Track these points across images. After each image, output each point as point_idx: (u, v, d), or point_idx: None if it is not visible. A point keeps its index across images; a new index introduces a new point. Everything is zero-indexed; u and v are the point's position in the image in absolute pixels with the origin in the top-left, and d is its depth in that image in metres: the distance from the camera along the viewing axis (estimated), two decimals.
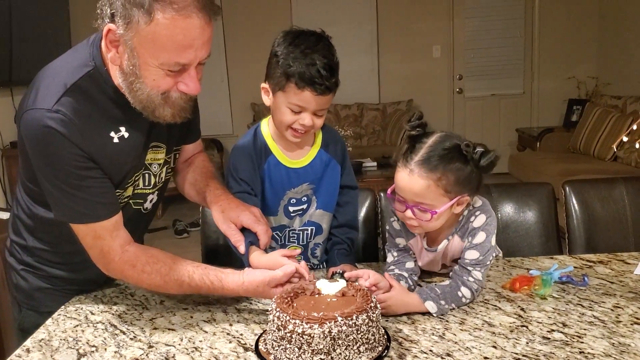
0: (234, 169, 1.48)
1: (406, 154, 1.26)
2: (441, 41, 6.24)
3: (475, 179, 1.27)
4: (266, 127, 1.51)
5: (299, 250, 1.49)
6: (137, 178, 1.33)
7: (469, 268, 1.31)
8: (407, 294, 1.27)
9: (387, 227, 1.44)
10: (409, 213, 1.27)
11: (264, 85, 1.43)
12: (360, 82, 6.32)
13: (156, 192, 1.43)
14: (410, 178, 1.24)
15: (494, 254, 1.34)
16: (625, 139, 1.17)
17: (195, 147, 1.60)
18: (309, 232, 1.55)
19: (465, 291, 1.29)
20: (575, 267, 1.48)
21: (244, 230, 1.35)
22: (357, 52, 6.23)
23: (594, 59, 6.09)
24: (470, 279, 1.30)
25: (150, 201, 1.43)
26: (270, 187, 1.49)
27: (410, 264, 1.41)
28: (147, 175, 1.36)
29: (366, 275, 1.25)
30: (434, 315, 1.25)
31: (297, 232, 1.55)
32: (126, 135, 1.25)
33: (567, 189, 1.84)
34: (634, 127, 0.96)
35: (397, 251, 1.43)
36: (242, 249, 1.33)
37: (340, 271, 1.38)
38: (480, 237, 1.31)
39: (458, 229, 1.35)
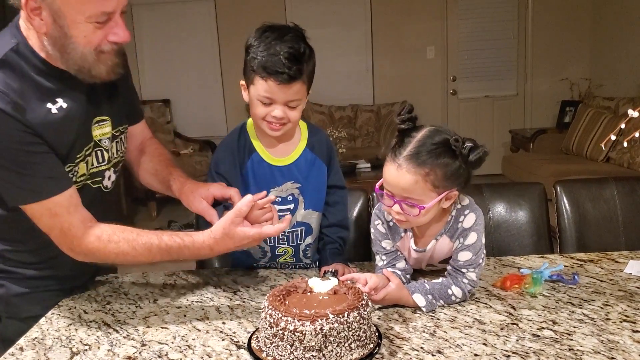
0: (214, 164, 1.50)
1: (395, 148, 1.25)
2: (435, 42, 6.26)
3: (464, 174, 1.26)
4: (251, 124, 1.52)
5: (272, 197, 1.40)
6: (87, 153, 1.33)
7: (463, 270, 1.31)
8: (402, 289, 1.28)
9: (372, 231, 1.42)
10: (396, 208, 1.26)
11: (242, 82, 1.44)
12: (354, 83, 6.34)
13: (111, 167, 1.43)
14: (399, 173, 1.22)
15: (484, 252, 1.34)
16: (613, 137, 1.19)
17: (143, 130, 1.61)
18: (299, 232, 1.55)
19: (456, 290, 1.29)
20: (565, 266, 1.49)
21: (216, 206, 1.40)
22: (351, 53, 6.25)
23: (587, 60, 6.13)
24: (465, 280, 1.30)
25: (109, 178, 1.43)
26: (254, 185, 1.49)
27: (401, 264, 1.41)
28: (99, 152, 1.37)
29: (363, 281, 1.24)
30: (423, 309, 1.26)
31: (286, 233, 1.54)
32: (64, 105, 1.25)
33: (559, 188, 1.85)
34: (622, 126, 0.97)
35: (385, 254, 1.41)
36: (215, 218, 1.34)
37: (333, 270, 1.39)
38: (471, 237, 1.31)
39: (447, 229, 1.34)
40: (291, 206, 1.52)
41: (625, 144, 1.20)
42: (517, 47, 6.26)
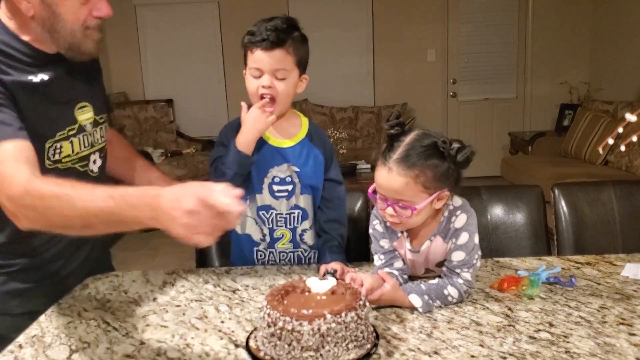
0: (223, 135, 1.58)
1: (385, 152, 1.28)
2: (436, 45, 6.27)
3: (454, 174, 1.28)
4: None
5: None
6: (71, 133, 1.36)
7: (457, 270, 1.32)
8: (398, 290, 1.28)
9: (371, 231, 1.44)
10: (390, 210, 1.29)
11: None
12: (355, 85, 6.35)
13: (97, 152, 1.47)
14: (389, 176, 1.25)
15: (479, 253, 1.35)
16: (611, 141, 1.19)
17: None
18: (296, 215, 1.60)
19: (452, 290, 1.30)
20: (563, 268, 1.50)
21: None
22: (353, 54, 6.26)
23: (586, 64, 6.14)
24: (460, 280, 1.31)
25: (94, 162, 1.46)
26: (254, 165, 1.55)
27: (399, 264, 1.42)
28: (84, 137, 1.41)
29: (359, 282, 1.26)
30: (420, 310, 1.27)
31: (284, 215, 1.59)
32: (45, 78, 1.30)
33: (557, 191, 1.86)
34: (620, 129, 0.98)
35: (383, 254, 1.43)
36: None
37: (332, 271, 1.42)
38: (463, 237, 1.33)
39: (440, 230, 1.36)
40: (289, 187, 1.58)
41: (622, 148, 1.21)
42: (517, 51, 6.28)
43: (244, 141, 1.49)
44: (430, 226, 1.36)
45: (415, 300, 1.27)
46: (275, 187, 1.57)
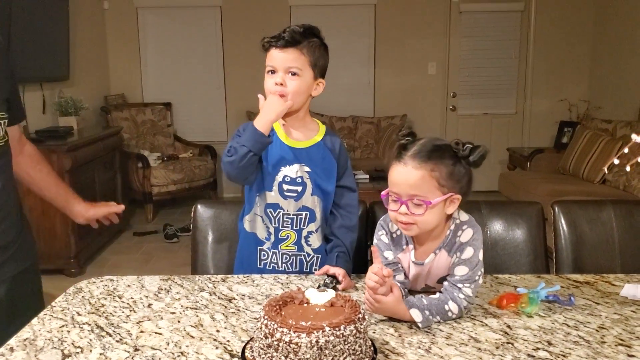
0: (237, 131, 1.59)
1: (399, 151, 1.31)
2: (437, 58, 6.29)
3: (466, 177, 1.31)
4: None
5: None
6: None
7: (459, 285, 1.31)
8: (400, 303, 1.26)
9: (375, 241, 1.43)
10: (403, 209, 1.29)
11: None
12: (355, 95, 6.36)
13: None
14: (405, 170, 1.28)
15: (482, 270, 1.35)
16: (616, 161, 1.20)
17: (20, 133, 1.67)
18: (303, 217, 1.61)
19: (452, 306, 1.29)
20: (561, 287, 1.49)
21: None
22: (354, 65, 6.27)
23: (586, 82, 6.17)
24: (461, 295, 1.30)
25: None
26: (265, 160, 1.58)
27: (400, 277, 1.41)
28: None
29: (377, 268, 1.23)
30: (420, 325, 1.25)
31: (291, 216, 1.61)
32: None
33: (557, 209, 1.86)
34: (626, 150, 0.98)
35: (386, 265, 1.40)
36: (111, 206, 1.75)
37: (330, 279, 1.45)
38: (468, 252, 1.33)
39: (445, 244, 1.36)
40: (299, 188, 1.59)
41: (628, 169, 1.21)
42: (518, 67, 6.30)
43: (262, 122, 1.50)
44: (436, 239, 1.36)
45: (416, 315, 1.25)
46: (285, 187, 1.59)
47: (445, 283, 1.35)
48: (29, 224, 1.69)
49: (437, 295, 1.32)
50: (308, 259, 1.65)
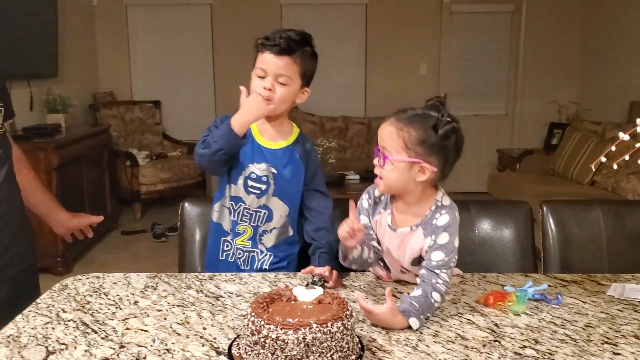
0: (214, 122, 1.62)
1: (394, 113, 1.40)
2: (428, 59, 6.31)
3: (438, 150, 1.34)
4: None
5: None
6: None
7: (437, 271, 1.34)
8: (395, 316, 1.23)
9: (358, 205, 1.50)
10: (376, 161, 1.39)
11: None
12: (346, 95, 6.36)
13: None
14: (384, 125, 1.38)
15: (456, 256, 1.38)
16: (604, 159, 1.20)
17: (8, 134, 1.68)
18: (262, 214, 1.64)
19: (436, 296, 1.31)
20: (549, 286, 1.50)
21: None
22: (345, 65, 6.27)
23: (576, 84, 6.21)
24: (440, 281, 1.33)
25: None
26: (236, 155, 1.60)
27: (374, 243, 1.49)
28: None
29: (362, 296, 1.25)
30: (416, 329, 1.24)
31: (251, 211, 1.64)
32: None
33: (545, 209, 1.86)
34: (613, 148, 0.99)
35: None
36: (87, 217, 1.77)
37: (319, 279, 1.45)
38: (443, 237, 1.37)
39: (423, 222, 1.40)
40: (263, 187, 1.63)
41: (615, 167, 1.21)
42: (508, 68, 6.33)
43: (239, 121, 1.52)
44: (416, 216, 1.42)
45: (414, 323, 1.24)
46: (250, 182, 1.62)
47: (422, 271, 1.36)
48: (29, 220, 1.68)
49: (419, 291, 1.31)
50: (260, 257, 1.67)
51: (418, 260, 1.42)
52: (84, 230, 1.77)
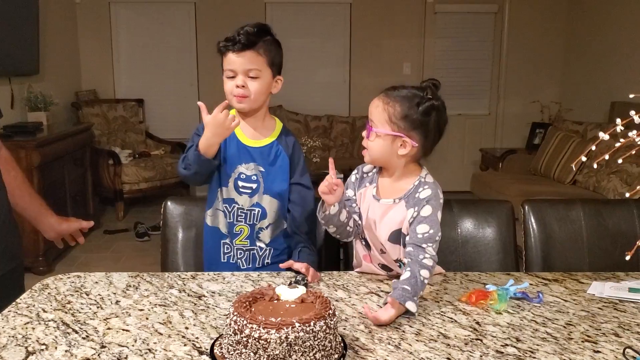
0: (197, 129, 1.64)
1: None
2: (411, 59, 6.33)
3: (419, 125, 1.42)
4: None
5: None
6: None
7: (423, 245, 1.37)
8: (387, 311, 1.26)
9: (348, 179, 1.59)
10: (364, 132, 1.47)
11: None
12: (331, 94, 6.35)
13: None
14: (374, 100, 1.47)
15: (440, 232, 1.41)
16: (584, 159, 1.22)
17: None
18: (256, 213, 1.65)
19: (424, 272, 1.34)
20: (530, 284, 1.51)
21: None
22: (329, 64, 6.27)
23: (558, 85, 6.27)
24: (427, 255, 1.36)
25: None
26: (223, 159, 1.63)
27: (355, 216, 1.53)
28: None
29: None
30: (415, 314, 1.28)
31: (245, 211, 1.65)
32: None
33: (527, 208, 1.88)
34: (594, 147, 1.00)
35: (346, 200, 1.55)
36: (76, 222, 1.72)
37: (302, 278, 1.45)
38: (426, 210, 1.41)
39: (406, 195, 1.45)
40: (254, 185, 1.64)
41: (595, 166, 1.23)
42: (492, 68, 6.38)
43: (206, 145, 1.54)
44: (398, 186, 1.48)
45: (412, 306, 1.28)
46: (240, 183, 1.64)
47: (409, 248, 1.38)
48: (15, 220, 1.65)
49: (408, 272, 1.33)
50: (260, 253, 1.68)
51: (396, 236, 1.45)
52: (74, 235, 1.73)
